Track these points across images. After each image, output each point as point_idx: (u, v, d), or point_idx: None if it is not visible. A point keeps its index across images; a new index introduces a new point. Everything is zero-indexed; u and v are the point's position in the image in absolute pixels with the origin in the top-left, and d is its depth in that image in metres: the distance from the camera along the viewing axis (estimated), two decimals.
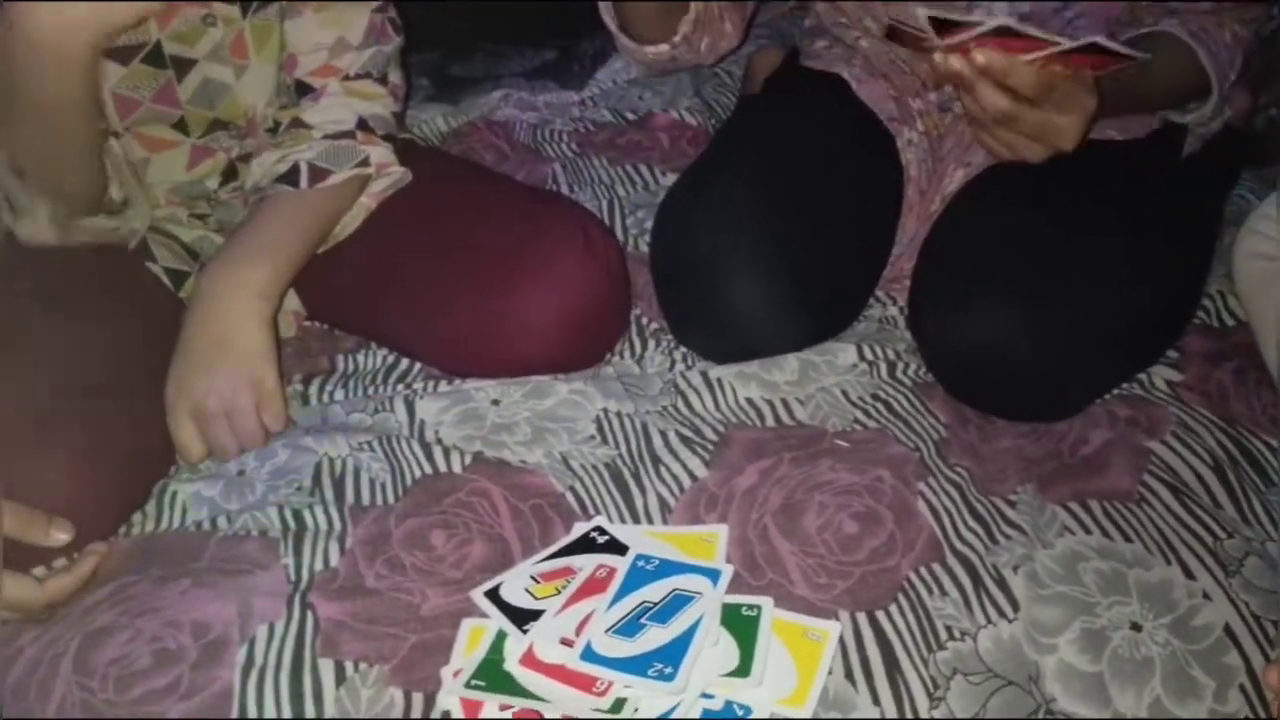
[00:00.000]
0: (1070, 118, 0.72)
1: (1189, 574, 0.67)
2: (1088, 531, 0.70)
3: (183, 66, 0.84)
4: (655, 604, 0.64)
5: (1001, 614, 0.65)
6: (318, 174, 0.86)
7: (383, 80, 0.91)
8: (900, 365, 0.86)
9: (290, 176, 0.85)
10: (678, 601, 0.65)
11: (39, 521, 0.67)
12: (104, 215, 0.84)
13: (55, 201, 0.80)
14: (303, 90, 0.89)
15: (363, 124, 0.88)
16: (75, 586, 0.68)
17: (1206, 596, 0.66)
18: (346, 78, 0.89)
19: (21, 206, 0.80)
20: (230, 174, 0.91)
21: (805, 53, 1.02)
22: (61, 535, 0.68)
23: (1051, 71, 0.69)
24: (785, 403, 0.82)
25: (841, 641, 0.64)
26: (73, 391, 0.73)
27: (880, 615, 0.65)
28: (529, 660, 0.62)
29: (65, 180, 0.80)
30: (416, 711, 0.61)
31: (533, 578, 0.68)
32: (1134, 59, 0.70)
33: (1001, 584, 0.67)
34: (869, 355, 0.86)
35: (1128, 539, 0.69)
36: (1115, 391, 0.82)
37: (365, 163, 0.87)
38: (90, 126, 0.78)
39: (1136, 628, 0.64)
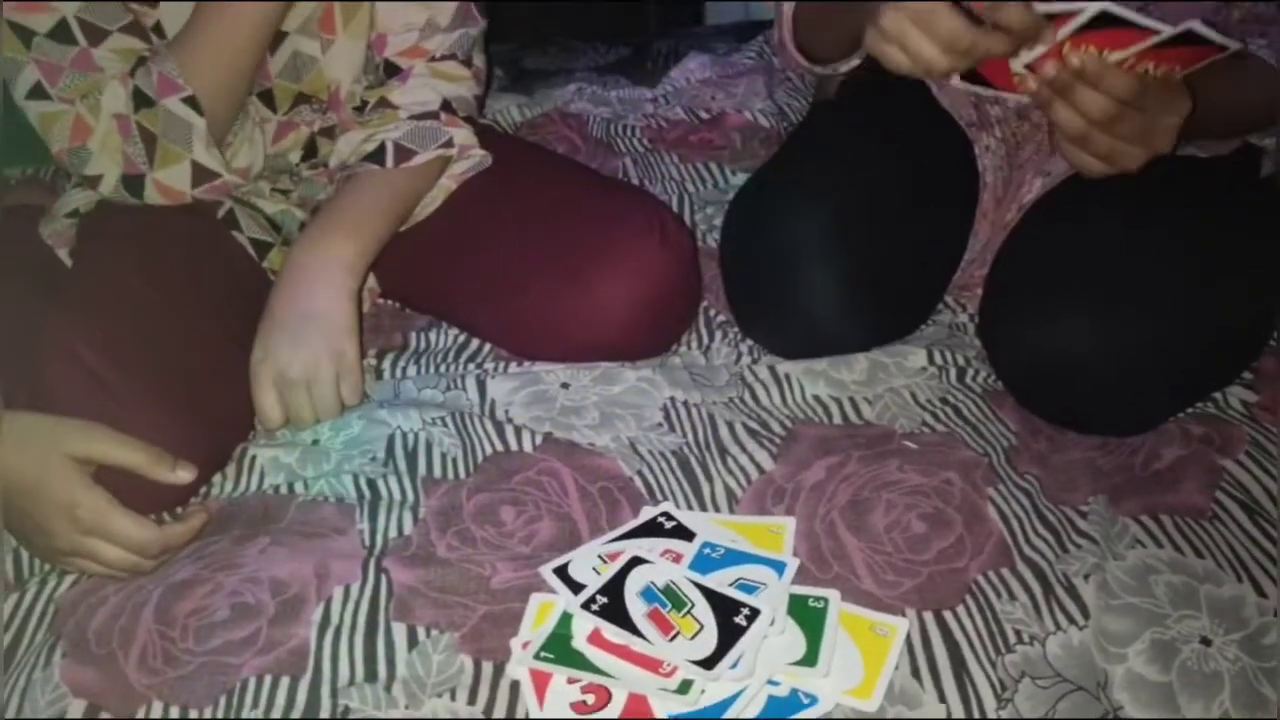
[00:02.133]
0: (1169, 119, 0.72)
1: (1260, 592, 0.66)
2: (1159, 545, 0.69)
3: (274, 38, 0.86)
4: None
5: (1071, 621, 0.65)
6: (403, 154, 0.87)
7: (467, 63, 0.93)
8: (970, 372, 0.86)
9: (377, 155, 0.87)
10: (742, 590, 0.65)
11: (166, 460, 0.69)
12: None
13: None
14: (391, 70, 0.91)
15: (446, 105, 0.90)
16: (189, 536, 0.70)
17: (1278, 615, 0.65)
18: (432, 59, 0.91)
19: (179, 143, 0.82)
20: (311, 149, 0.93)
21: None
22: (185, 475, 0.70)
23: (1144, 76, 0.69)
24: (853, 401, 0.83)
25: (908, 639, 0.64)
26: (167, 353, 0.75)
27: (948, 615, 0.65)
28: (597, 639, 0.63)
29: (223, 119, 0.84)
30: (486, 679, 0.62)
31: (601, 557, 0.69)
32: (1225, 48, 0.69)
33: (1071, 592, 0.66)
34: (939, 360, 0.86)
35: (1199, 554, 0.69)
36: (1189, 410, 0.81)
37: (449, 144, 0.89)
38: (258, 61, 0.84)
39: (1206, 642, 0.63)
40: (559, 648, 0.62)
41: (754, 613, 0.63)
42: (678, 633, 0.62)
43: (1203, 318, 0.78)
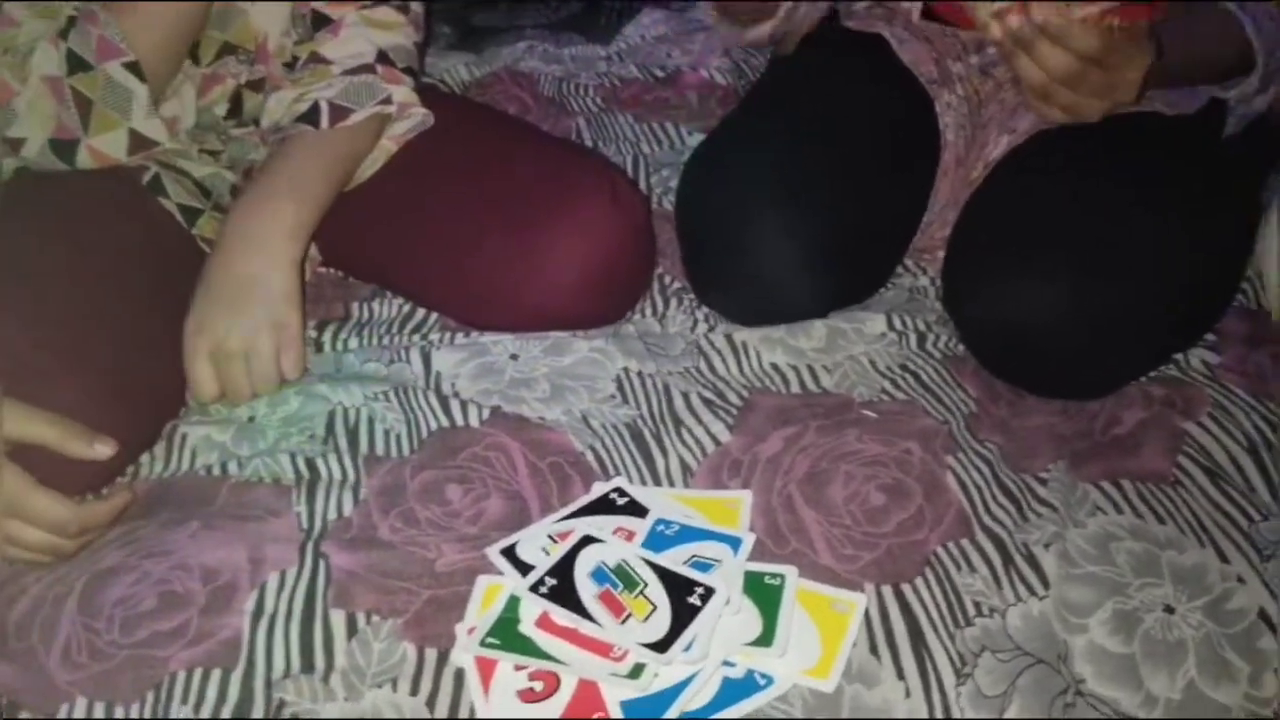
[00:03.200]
0: (1132, 73, 0.71)
1: (1223, 557, 0.65)
2: (1120, 511, 0.68)
3: None
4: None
5: (1031, 592, 0.63)
6: (338, 113, 0.83)
7: (403, 9, 0.88)
8: (930, 337, 0.83)
9: (310, 116, 0.83)
10: (696, 569, 0.63)
11: (82, 435, 0.65)
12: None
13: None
14: (319, 22, 0.86)
15: (383, 57, 0.86)
16: (110, 516, 0.67)
17: (1240, 580, 0.64)
18: (364, 6, 0.86)
19: (119, 109, 0.78)
20: (237, 103, 0.88)
21: (845, 13, 0.99)
22: (104, 449, 0.66)
23: (1111, 29, 0.67)
24: (811, 369, 0.80)
25: (866, 614, 0.62)
26: (90, 326, 0.71)
27: (906, 589, 0.64)
28: (545, 623, 0.60)
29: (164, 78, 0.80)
30: (429, 668, 0.59)
31: (550, 537, 0.66)
32: None
33: (1032, 561, 0.65)
34: (898, 325, 0.84)
35: (1160, 520, 0.68)
36: (1152, 372, 0.80)
37: (388, 101, 0.85)
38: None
39: (1169, 610, 0.62)
40: (506, 633, 0.60)
41: (709, 592, 0.61)
42: (630, 614, 0.60)
43: (1169, 279, 0.77)
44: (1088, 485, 0.70)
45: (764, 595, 0.62)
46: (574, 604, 0.60)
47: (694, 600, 0.60)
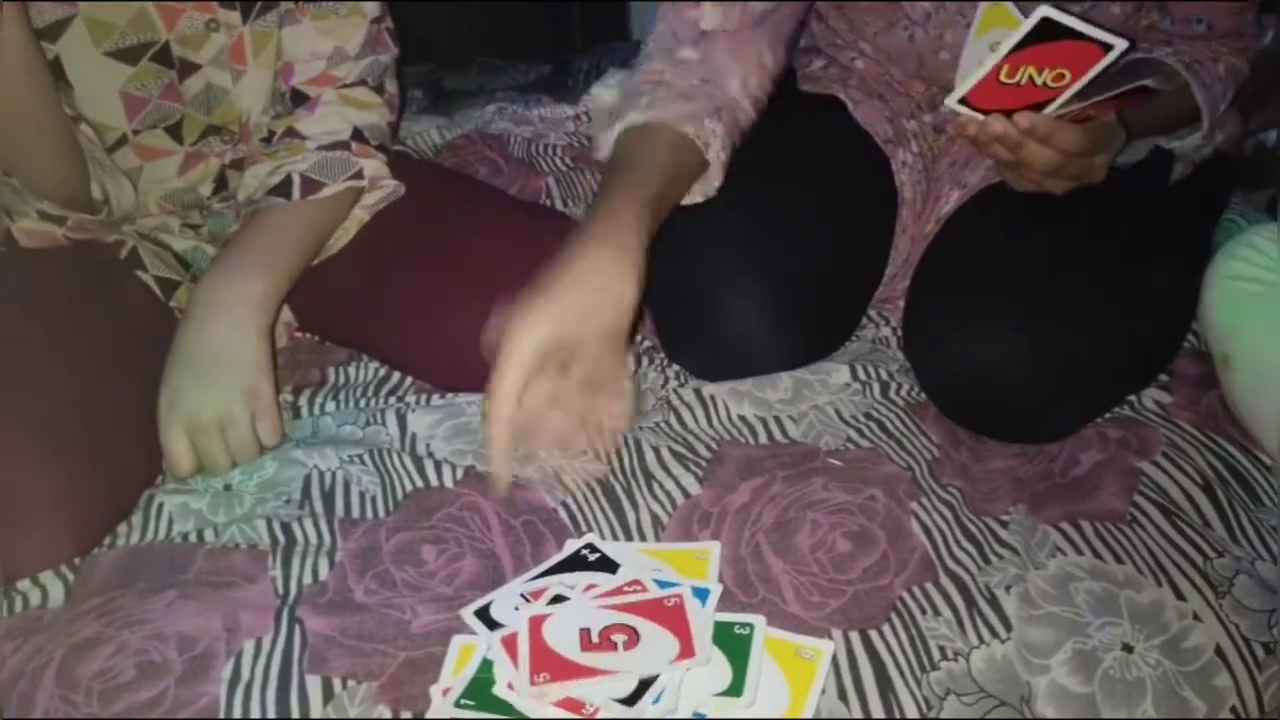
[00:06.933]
0: (1104, 156, 0.75)
1: (1180, 595, 0.67)
2: (1079, 552, 0.70)
3: (186, 69, 0.84)
4: None
5: (994, 634, 0.65)
6: (310, 186, 0.85)
7: (379, 89, 0.91)
8: (893, 385, 0.86)
9: (283, 188, 0.85)
10: None
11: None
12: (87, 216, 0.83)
13: (43, 200, 0.80)
14: (298, 99, 0.89)
15: (358, 134, 0.88)
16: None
17: (1197, 618, 0.66)
18: (342, 86, 0.89)
19: (15, 207, 0.79)
20: (222, 181, 0.90)
21: (801, 74, 1.03)
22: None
23: (1090, 126, 0.71)
24: (778, 420, 0.82)
25: (834, 661, 0.63)
26: (64, 400, 0.72)
27: (873, 634, 0.65)
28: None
29: (38, 171, 0.79)
30: None
31: (523, 596, 0.67)
32: (1154, 91, 0.73)
33: (994, 604, 0.67)
34: (862, 375, 0.86)
35: (1119, 560, 0.69)
36: (1107, 414, 0.82)
37: (359, 175, 0.87)
38: (42, 103, 0.76)
39: (1128, 649, 0.64)
40: (480, 693, 0.61)
41: None
42: None
43: (1121, 325, 0.79)
44: (1047, 527, 0.72)
45: (733, 645, 0.63)
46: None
47: None
